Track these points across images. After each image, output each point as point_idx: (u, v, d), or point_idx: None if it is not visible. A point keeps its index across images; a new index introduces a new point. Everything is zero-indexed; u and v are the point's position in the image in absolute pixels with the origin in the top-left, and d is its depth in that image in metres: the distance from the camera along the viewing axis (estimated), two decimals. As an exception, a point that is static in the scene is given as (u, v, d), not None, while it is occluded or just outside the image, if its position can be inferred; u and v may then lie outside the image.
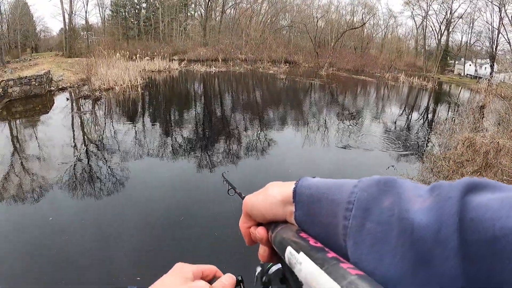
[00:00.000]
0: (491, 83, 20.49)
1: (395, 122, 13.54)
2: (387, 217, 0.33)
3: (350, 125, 12.51)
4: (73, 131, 10.44)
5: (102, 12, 39.63)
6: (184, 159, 8.67)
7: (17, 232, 5.61)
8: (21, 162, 8.08)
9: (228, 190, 1.94)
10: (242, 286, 0.49)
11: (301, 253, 0.36)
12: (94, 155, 8.72)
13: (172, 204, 6.50)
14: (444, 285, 0.29)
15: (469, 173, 7.00)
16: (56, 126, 10.66)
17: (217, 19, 43.25)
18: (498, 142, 7.33)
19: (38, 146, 9.05)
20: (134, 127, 11.10)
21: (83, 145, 9.31)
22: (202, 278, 0.50)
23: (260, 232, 0.48)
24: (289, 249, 0.39)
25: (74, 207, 6.42)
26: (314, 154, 9.12)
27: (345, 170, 7.97)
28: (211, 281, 0.50)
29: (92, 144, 9.46)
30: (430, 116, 15.28)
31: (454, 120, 11.85)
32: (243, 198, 1.13)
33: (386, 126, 12.96)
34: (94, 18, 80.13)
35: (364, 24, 41.32)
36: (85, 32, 36.36)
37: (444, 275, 0.29)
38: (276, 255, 0.48)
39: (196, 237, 5.50)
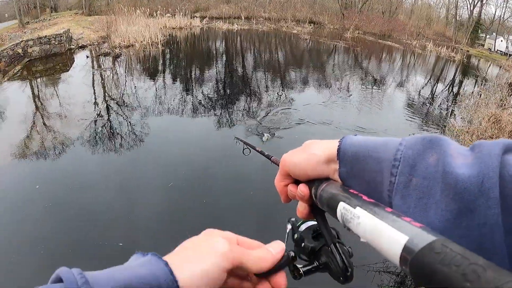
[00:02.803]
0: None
1: (419, 92, 13.26)
2: (432, 172, 0.35)
3: (373, 90, 12.32)
4: (94, 88, 10.46)
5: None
6: (204, 117, 8.72)
7: (40, 189, 5.81)
8: (43, 120, 8.16)
9: (244, 149, 1.94)
10: (294, 266, 0.46)
11: (358, 208, 0.37)
12: (115, 111, 8.79)
13: (191, 161, 6.63)
14: (484, 233, 0.31)
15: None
16: (77, 84, 10.68)
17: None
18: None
19: (59, 104, 9.12)
20: (154, 84, 11.08)
21: (104, 102, 9.37)
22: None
23: (303, 189, 0.48)
24: (342, 205, 0.40)
25: (95, 163, 6.53)
26: (334, 117, 9.11)
27: (365, 134, 7.98)
28: None
29: (112, 101, 9.52)
30: (455, 89, 14.87)
31: (481, 95, 11.56)
32: (267, 156, 1.09)
33: (409, 94, 12.72)
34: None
35: (395, -14, 39.03)
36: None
37: (486, 223, 0.31)
38: (313, 212, 0.49)
39: (216, 193, 5.62)
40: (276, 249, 0.43)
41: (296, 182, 0.50)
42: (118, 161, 6.65)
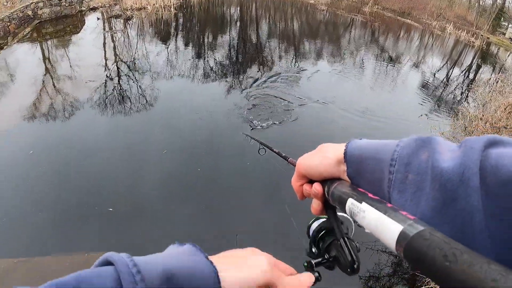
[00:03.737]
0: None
1: (434, 74, 12.90)
2: (423, 168, 0.40)
3: (387, 68, 11.99)
4: (104, 51, 10.27)
5: None
6: (214, 83, 8.59)
7: (47, 152, 5.77)
8: (52, 82, 8.06)
9: (259, 149, 1.92)
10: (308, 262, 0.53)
11: (364, 203, 0.43)
12: (125, 74, 8.68)
13: (199, 128, 6.56)
14: (465, 218, 0.35)
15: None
16: (87, 46, 10.46)
17: None
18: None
19: (69, 65, 8.97)
20: (165, 49, 10.87)
21: (114, 65, 9.23)
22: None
23: (317, 188, 0.54)
24: (350, 200, 0.46)
25: (104, 127, 6.49)
26: (346, 92, 8.93)
27: (376, 111, 7.81)
28: None
29: (122, 64, 9.37)
30: (471, 75, 14.45)
31: (498, 81, 11.23)
32: (284, 157, 1.05)
33: (424, 75, 12.37)
34: None
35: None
36: None
37: (465, 209, 0.34)
38: (325, 208, 0.55)
39: (222, 162, 5.64)
40: (305, 281, 0.47)
41: (311, 181, 0.57)
42: (125, 124, 6.64)
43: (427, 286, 3.58)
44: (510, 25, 40.83)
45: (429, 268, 0.30)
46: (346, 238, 0.51)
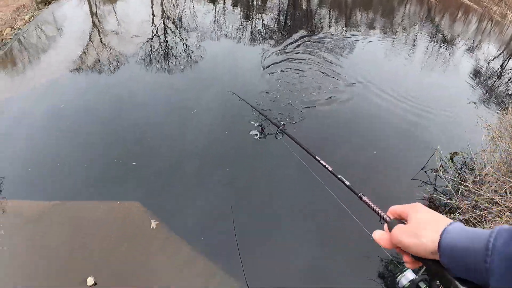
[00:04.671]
0: None
1: (488, 62, 12.17)
2: None
3: (440, 49, 11.40)
4: (152, 7, 10.17)
5: None
6: (259, 47, 8.46)
7: (95, 103, 5.92)
8: (99, 37, 8.13)
9: (276, 134, 1.94)
10: None
11: None
12: (171, 31, 8.66)
13: (244, 88, 6.57)
14: None
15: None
16: (134, 2, 10.40)
17: None
18: None
19: (116, 21, 9.00)
20: (213, 8, 10.68)
21: (160, 21, 9.20)
22: None
23: (408, 261, 0.65)
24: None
25: (149, 82, 6.61)
26: (394, 69, 8.64)
27: (420, 98, 7.51)
28: None
29: (169, 21, 9.31)
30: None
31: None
32: (378, 213, 0.88)
33: (477, 62, 11.68)
34: None
35: None
36: None
37: None
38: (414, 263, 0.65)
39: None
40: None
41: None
42: (168, 80, 6.76)
43: None
44: None
45: None
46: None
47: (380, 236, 0.68)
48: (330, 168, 1.38)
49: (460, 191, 4.51)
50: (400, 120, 6.64)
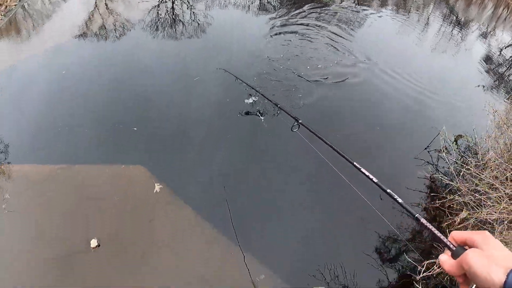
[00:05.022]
0: None
1: (501, 50, 11.94)
2: None
3: (453, 31, 11.16)
4: None
5: None
6: (267, 16, 8.26)
7: (101, 69, 5.82)
8: (106, 2, 7.94)
9: (292, 127, 1.83)
10: None
11: None
12: None
13: (251, 60, 6.46)
14: None
15: None
16: None
17: None
18: None
19: None
20: None
21: None
22: None
23: None
24: None
25: (156, 48, 6.48)
26: (402, 51, 8.49)
27: (428, 82, 7.41)
28: None
29: None
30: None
31: None
32: (439, 238, 0.87)
33: (490, 48, 11.47)
34: None
35: None
36: None
37: None
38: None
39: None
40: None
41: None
42: (177, 48, 6.64)
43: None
44: None
45: None
46: None
47: (445, 259, 0.71)
48: (371, 176, 1.30)
49: (461, 173, 4.53)
50: (407, 99, 6.58)
